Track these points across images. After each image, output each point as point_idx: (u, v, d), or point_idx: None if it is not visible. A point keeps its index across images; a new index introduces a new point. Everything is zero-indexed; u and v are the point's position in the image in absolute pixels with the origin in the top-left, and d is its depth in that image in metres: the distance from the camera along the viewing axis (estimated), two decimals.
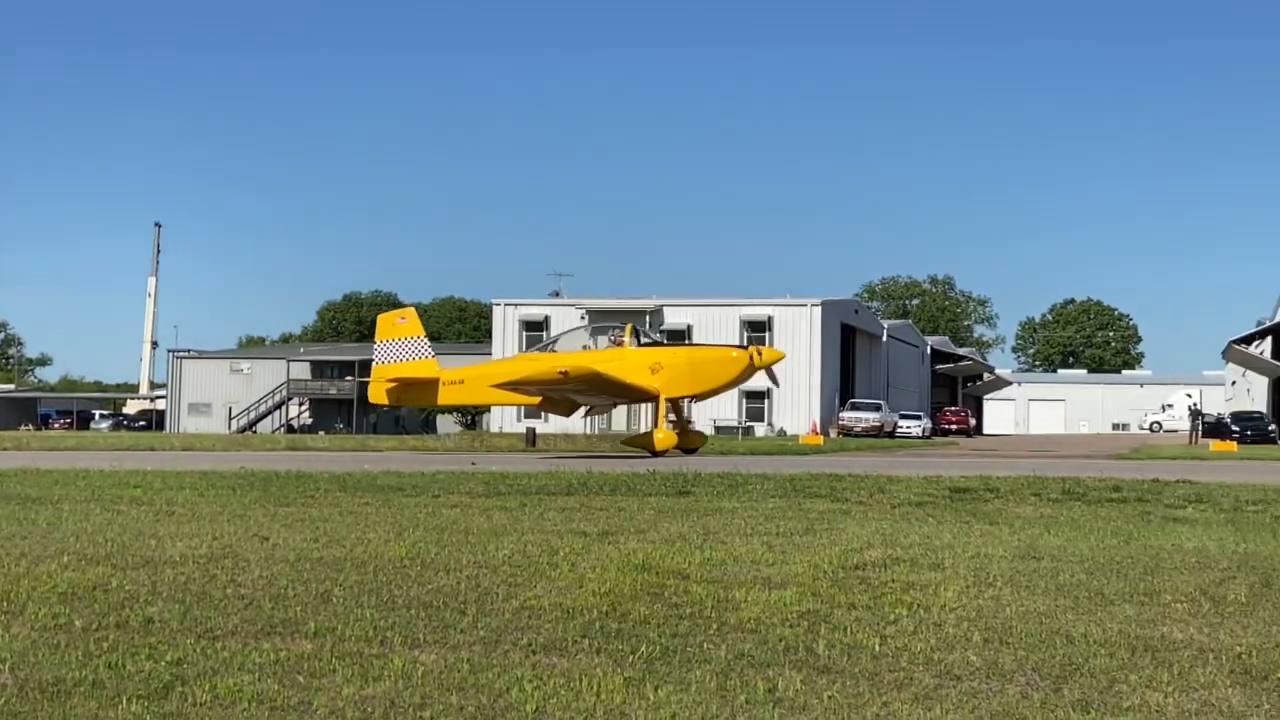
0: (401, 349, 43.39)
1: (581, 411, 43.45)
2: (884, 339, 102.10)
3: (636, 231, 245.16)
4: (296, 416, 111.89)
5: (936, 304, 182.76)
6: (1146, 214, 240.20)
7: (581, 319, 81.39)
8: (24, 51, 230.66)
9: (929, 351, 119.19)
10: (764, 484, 19.70)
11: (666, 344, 47.15)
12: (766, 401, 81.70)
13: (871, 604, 8.82)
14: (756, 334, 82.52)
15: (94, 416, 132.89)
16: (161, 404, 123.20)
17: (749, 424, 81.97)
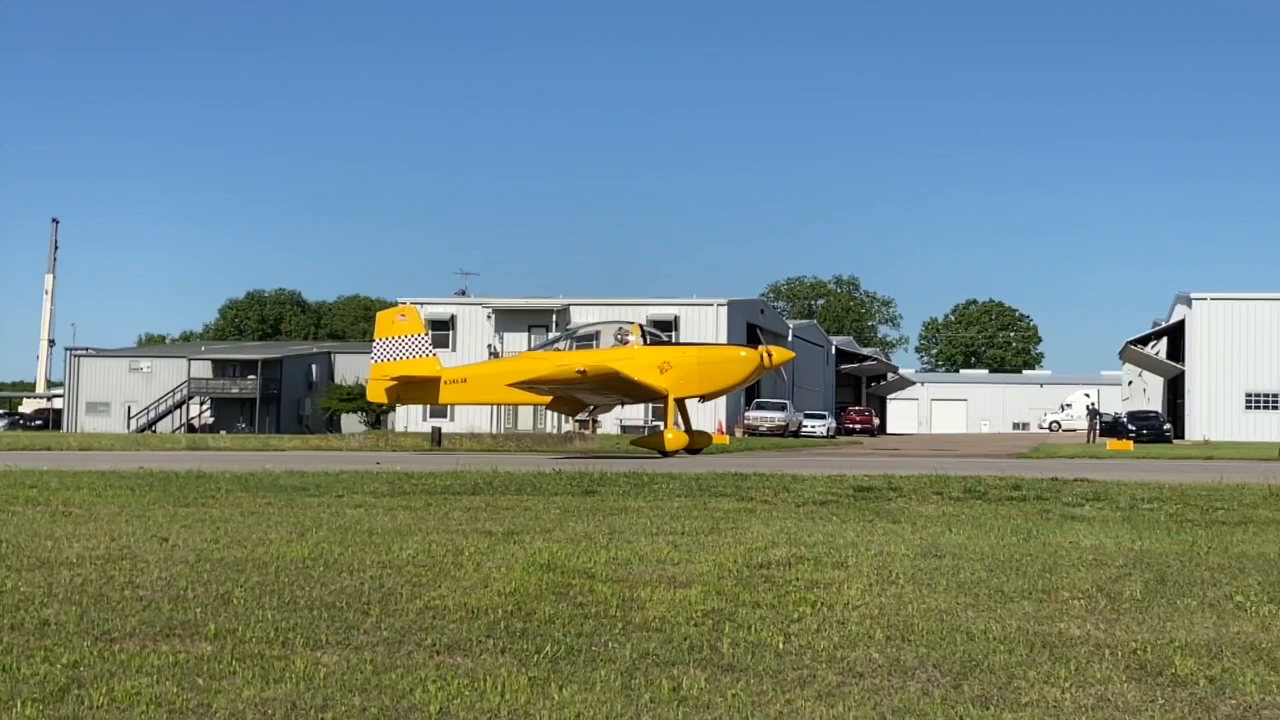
0: (401, 347, 42.48)
1: (585, 411, 42.60)
2: (789, 339, 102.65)
3: (543, 231, 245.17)
4: (197, 416, 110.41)
5: (841, 304, 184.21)
6: (1047, 216, 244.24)
7: (488, 319, 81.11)
8: None
9: (834, 351, 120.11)
10: (670, 483, 19.74)
11: (674, 343, 45.96)
12: None
13: (776, 602, 8.87)
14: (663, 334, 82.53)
15: None
16: (59, 403, 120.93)
17: (655, 424, 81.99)
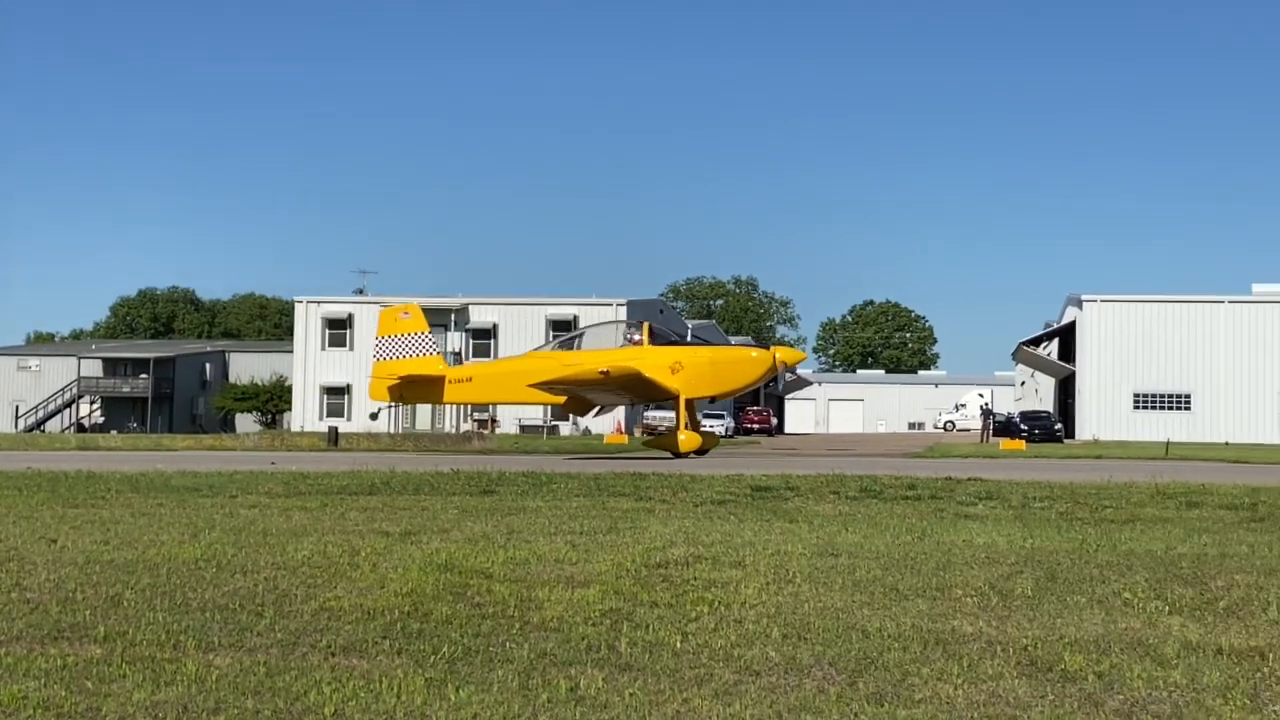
0: (404, 345, 41.94)
1: (594, 410, 41.92)
2: (688, 339, 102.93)
3: (442, 230, 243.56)
4: (88, 415, 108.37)
5: (740, 305, 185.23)
6: (943, 218, 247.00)
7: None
8: None
9: None
10: (569, 483, 19.74)
11: (686, 343, 45.34)
12: None
13: (673, 602, 8.91)
14: (561, 334, 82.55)
15: None
16: None
17: (554, 423, 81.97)
